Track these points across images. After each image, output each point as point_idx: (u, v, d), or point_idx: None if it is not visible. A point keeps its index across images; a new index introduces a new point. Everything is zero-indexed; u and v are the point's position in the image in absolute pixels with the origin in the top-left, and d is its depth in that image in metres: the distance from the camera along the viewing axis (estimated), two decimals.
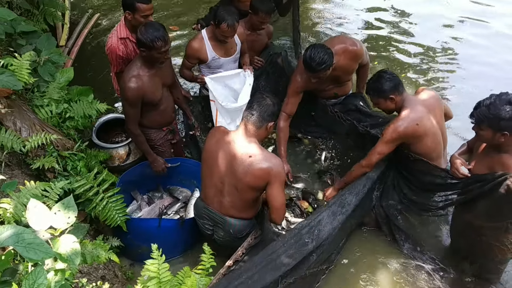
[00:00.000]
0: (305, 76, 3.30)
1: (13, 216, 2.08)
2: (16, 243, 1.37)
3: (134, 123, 3.04)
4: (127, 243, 3.00)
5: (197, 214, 2.89)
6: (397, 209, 3.21)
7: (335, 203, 2.96)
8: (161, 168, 3.24)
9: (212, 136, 2.66)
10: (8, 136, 2.69)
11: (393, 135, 2.89)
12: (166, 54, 2.87)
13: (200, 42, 3.48)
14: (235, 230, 2.72)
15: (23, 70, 2.88)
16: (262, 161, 2.45)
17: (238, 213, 2.69)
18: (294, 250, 2.61)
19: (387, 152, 2.98)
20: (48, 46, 3.35)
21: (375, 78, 2.96)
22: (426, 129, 2.87)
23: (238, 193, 2.58)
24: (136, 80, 2.85)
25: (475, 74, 5.10)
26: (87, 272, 2.52)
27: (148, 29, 2.77)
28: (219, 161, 2.57)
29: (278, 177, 2.49)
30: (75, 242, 1.62)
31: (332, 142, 3.91)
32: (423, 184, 3.04)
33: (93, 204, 2.88)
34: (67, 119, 3.21)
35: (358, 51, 3.39)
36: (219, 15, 3.24)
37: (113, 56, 3.16)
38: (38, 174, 2.88)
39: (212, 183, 2.66)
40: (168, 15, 6.06)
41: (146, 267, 2.16)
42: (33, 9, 3.99)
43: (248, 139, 2.51)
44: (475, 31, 5.91)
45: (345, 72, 3.49)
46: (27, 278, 1.39)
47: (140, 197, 3.44)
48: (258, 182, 2.50)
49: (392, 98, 2.91)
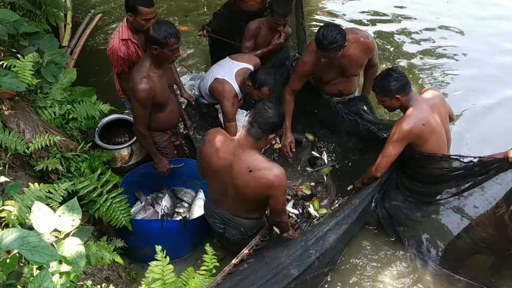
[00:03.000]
0: (314, 57, 3.31)
1: (18, 219, 2.08)
2: (21, 247, 1.37)
3: (143, 124, 3.04)
4: (130, 244, 3.01)
5: (207, 214, 2.89)
6: (400, 209, 3.19)
7: (343, 212, 2.96)
8: (165, 169, 3.25)
9: (212, 139, 2.49)
10: (12, 138, 2.68)
11: (400, 136, 2.86)
12: (177, 51, 2.86)
13: (235, 98, 3.43)
14: (246, 228, 2.73)
15: (26, 71, 2.87)
16: (262, 176, 2.35)
17: (245, 214, 2.69)
18: (299, 261, 2.65)
19: (395, 154, 2.94)
20: (51, 47, 3.34)
21: (383, 76, 2.94)
22: (432, 128, 2.85)
23: (242, 201, 2.56)
24: (148, 81, 2.84)
25: (479, 73, 5.06)
26: (92, 274, 2.52)
27: (161, 26, 2.77)
28: (220, 169, 2.47)
29: (279, 189, 2.41)
30: (79, 244, 1.63)
31: (333, 145, 3.88)
32: (432, 178, 3.02)
33: (97, 205, 2.88)
34: (70, 120, 3.21)
35: (369, 44, 3.36)
36: (260, 80, 3.24)
37: (114, 57, 3.16)
38: (41, 175, 2.88)
39: (216, 187, 2.64)
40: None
41: (151, 268, 2.17)
42: (35, 10, 3.97)
43: (247, 148, 2.39)
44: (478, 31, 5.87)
45: (353, 64, 3.43)
46: (33, 281, 1.40)
47: (144, 198, 3.44)
48: (258, 195, 2.45)
49: (397, 98, 2.89)
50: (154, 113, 3.07)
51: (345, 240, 3.08)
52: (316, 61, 3.31)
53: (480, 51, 5.42)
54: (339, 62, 3.30)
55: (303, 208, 3.45)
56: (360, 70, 3.60)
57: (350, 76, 3.57)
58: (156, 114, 3.10)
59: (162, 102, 3.04)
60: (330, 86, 3.64)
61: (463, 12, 6.22)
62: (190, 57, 5.24)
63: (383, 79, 2.93)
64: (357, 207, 3.03)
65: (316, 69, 3.39)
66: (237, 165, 2.39)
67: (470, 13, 6.19)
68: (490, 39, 5.62)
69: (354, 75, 3.59)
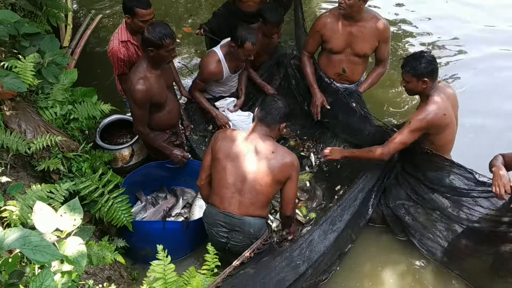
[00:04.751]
0: (330, 19, 3.40)
1: (19, 218, 2.09)
2: (23, 246, 1.38)
3: (143, 124, 3.05)
4: (132, 245, 3.01)
5: (209, 223, 2.80)
6: (405, 207, 3.17)
7: (326, 221, 2.94)
8: (180, 158, 3.22)
9: (222, 138, 2.70)
10: (13, 138, 2.69)
11: (422, 124, 2.80)
12: (173, 52, 2.87)
13: (217, 64, 3.48)
14: (255, 229, 2.71)
15: (27, 72, 2.88)
16: (285, 156, 2.63)
17: (256, 211, 2.69)
18: (286, 273, 2.64)
19: (409, 142, 2.87)
20: (52, 47, 3.36)
21: (417, 56, 2.82)
22: (450, 120, 2.84)
23: (261, 188, 2.64)
24: (144, 82, 2.85)
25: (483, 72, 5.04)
26: (93, 273, 2.53)
27: (156, 28, 2.77)
28: (238, 160, 2.63)
29: (297, 170, 2.69)
30: (81, 244, 1.63)
31: (322, 146, 3.86)
32: (433, 183, 3.02)
33: (98, 205, 2.88)
34: (71, 120, 3.22)
35: (385, 28, 3.38)
36: (241, 35, 3.24)
37: (115, 59, 3.17)
38: (43, 175, 2.88)
39: (229, 184, 2.66)
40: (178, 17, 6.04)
41: (152, 268, 2.17)
42: (36, 11, 3.98)
43: (264, 138, 2.64)
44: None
45: (363, 38, 3.38)
46: (35, 280, 1.40)
47: (144, 198, 3.44)
48: (282, 175, 2.64)
49: (425, 81, 2.78)
50: (153, 113, 3.08)
51: (338, 247, 3.05)
52: (331, 22, 3.39)
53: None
54: (351, 30, 3.34)
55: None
56: (368, 52, 3.51)
57: (357, 54, 3.49)
58: (155, 114, 3.11)
59: (160, 102, 3.05)
60: (335, 62, 3.58)
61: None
62: (193, 57, 5.24)
63: (415, 59, 2.80)
64: (344, 216, 2.99)
65: (329, 29, 3.42)
66: (260, 149, 2.62)
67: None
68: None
69: (361, 55, 3.50)
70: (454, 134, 2.96)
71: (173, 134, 3.40)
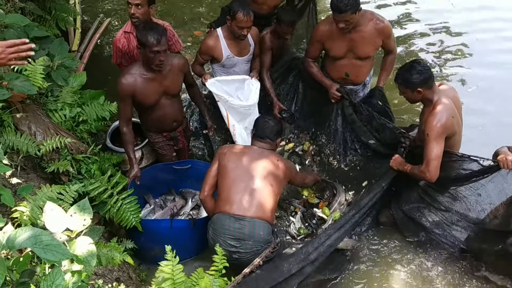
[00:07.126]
0: (329, 27, 3.36)
1: (30, 219, 2.11)
2: (34, 245, 1.39)
3: (124, 120, 3.08)
4: (140, 245, 3.02)
5: (216, 233, 2.80)
6: (419, 210, 3.15)
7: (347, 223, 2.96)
8: (131, 175, 3.08)
9: (229, 150, 2.98)
10: (23, 140, 2.72)
11: (439, 130, 2.77)
12: (159, 55, 2.82)
13: (215, 39, 3.48)
14: (265, 232, 2.76)
15: (37, 75, 2.92)
16: (286, 161, 3.12)
17: (265, 214, 2.78)
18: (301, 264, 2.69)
19: (441, 151, 2.81)
20: (61, 51, 3.39)
21: (406, 68, 2.87)
22: (457, 121, 2.85)
23: (269, 191, 2.84)
24: (128, 77, 2.93)
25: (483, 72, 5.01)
26: (102, 274, 2.54)
27: (145, 27, 2.86)
28: (249, 166, 2.87)
29: (296, 171, 3.23)
30: (91, 243, 1.65)
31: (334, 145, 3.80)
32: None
33: (108, 206, 2.90)
34: (80, 122, 3.25)
35: (385, 26, 3.35)
36: (233, 7, 3.26)
37: (114, 47, 3.32)
38: (53, 177, 2.91)
39: (238, 189, 2.81)
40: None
41: (161, 268, 2.18)
42: (45, 15, 4.03)
43: (266, 151, 2.98)
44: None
45: (365, 41, 3.35)
46: (46, 279, 1.41)
47: (153, 200, 3.45)
48: (288, 174, 3.01)
49: (419, 91, 2.82)
50: (143, 112, 3.19)
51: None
52: (329, 31, 3.36)
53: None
54: (351, 36, 3.30)
55: (313, 217, 3.41)
56: (371, 54, 3.49)
57: (360, 57, 3.45)
58: (146, 113, 3.18)
59: (145, 103, 3.06)
60: (338, 67, 3.55)
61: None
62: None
63: (406, 71, 2.86)
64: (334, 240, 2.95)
65: (328, 38, 3.40)
66: (266, 158, 2.93)
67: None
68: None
69: (364, 57, 3.47)
70: (461, 133, 2.96)
71: (171, 138, 3.38)
